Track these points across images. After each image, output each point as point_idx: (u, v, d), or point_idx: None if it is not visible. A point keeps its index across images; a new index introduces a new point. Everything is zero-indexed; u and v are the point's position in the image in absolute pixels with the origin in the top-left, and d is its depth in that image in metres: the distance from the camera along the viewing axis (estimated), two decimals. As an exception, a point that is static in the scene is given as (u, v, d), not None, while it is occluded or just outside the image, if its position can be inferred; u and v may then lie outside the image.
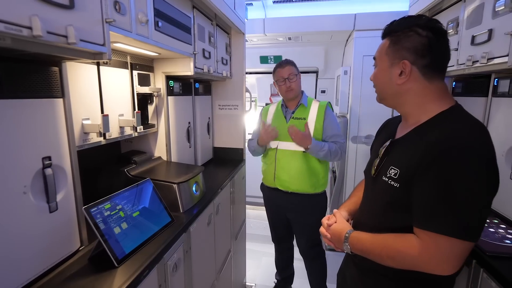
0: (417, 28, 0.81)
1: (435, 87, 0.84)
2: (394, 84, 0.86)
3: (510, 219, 1.23)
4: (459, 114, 0.82)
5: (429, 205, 0.75)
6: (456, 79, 1.76)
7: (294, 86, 1.84)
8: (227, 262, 1.97)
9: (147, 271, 0.92)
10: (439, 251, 0.73)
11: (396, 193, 0.83)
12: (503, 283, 0.89)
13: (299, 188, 1.87)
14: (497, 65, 1.18)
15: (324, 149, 1.75)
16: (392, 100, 0.91)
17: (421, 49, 0.81)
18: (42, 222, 0.83)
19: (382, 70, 0.89)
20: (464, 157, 0.71)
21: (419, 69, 0.82)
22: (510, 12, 1.10)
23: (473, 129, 0.75)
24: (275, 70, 1.90)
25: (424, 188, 0.76)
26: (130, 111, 1.35)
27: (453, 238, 0.72)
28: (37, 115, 0.81)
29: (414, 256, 0.76)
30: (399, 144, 0.90)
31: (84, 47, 0.77)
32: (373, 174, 0.95)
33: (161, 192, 1.24)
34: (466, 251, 0.74)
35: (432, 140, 0.76)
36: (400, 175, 0.83)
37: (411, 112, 0.88)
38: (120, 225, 0.99)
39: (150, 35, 1.14)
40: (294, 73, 1.84)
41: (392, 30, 0.87)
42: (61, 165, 0.89)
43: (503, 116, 1.31)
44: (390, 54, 0.86)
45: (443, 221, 0.72)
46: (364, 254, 0.90)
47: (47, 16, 0.66)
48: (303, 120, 1.83)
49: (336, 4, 2.86)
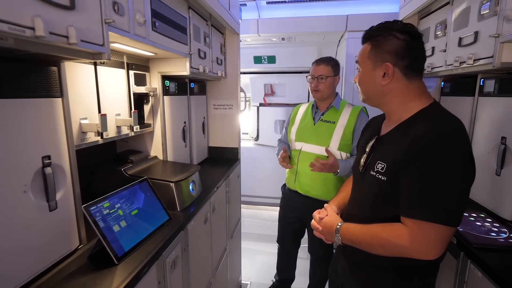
0: (395, 32, 0.88)
1: (415, 86, 0.90)
2: (378, 85, 0.92)
3: (496, 213, 1.28)
4: (438, 111, 0.89)
5: (414, 195, 0.81)
6: (445, 79, 1.82)
7: (321, 88, 1.74)
8: (223, 260, 1.99)
9: (146, 268, 0.93)
10: (425, 237, 0.79)
11: (383, 186, 0.89)
12: (489, 273, 0.93)
13: (320, 194, 1.77)
14: (483, 65, 1.24)
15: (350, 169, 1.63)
16: (376, 100, 0.97)
17: (401, 51, 0.87)
18: (42, 220, 0.83)
19: (366, 73, 0.94)
20: (444, 149, 0.77)
21: (400, 70, 0.88)
22: (494, 15, 1.16)
23: (452, 124, 0.82)
24: (312, 65, 1.83)
25: (409, 179, 0.81)
26: (127, 111, 1.35)
27: (437, 224, 0.77)
28: (36, 114, 0.81)
29: (403, 244, 0.81)
30: (384, 141, 0.96)
31: (84, 47, 0.78)
32: (361, 169, 1.00)
33: (158, 191, 1.25)
34: (449, 235, 0.80)
35: (415, 135, 0.82)
36: (387, 169, 0.88)
37: (394, 110, 0.94)
38: (119, 223, 1.00)
39: (148, 35, 1.15)
40: (325, 75, 1.73)
41: (372, 35, 0.92)
42: (60, 164, 0.89)
43: (489, 114, 1.37)
44: (372, 58, 0.92)
45: (427, 208, 0.78)
46: (354, 244, 0.94)
47: (49, 17, 0.67)
48: (333, 124, 1.73)
49: (328, 5, 2.91)
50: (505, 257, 0.98)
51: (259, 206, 4.01)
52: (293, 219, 1.97)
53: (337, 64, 1.80)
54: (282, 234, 2.10)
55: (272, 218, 3.65)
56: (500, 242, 1.06)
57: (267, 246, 3.01)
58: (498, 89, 1.31)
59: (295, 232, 2.03)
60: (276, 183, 3.13)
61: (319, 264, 2.01)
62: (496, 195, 1.29)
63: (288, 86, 3.88)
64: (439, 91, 1.89)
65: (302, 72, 3.72)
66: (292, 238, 2.07)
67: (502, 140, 1.25)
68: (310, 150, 1.77)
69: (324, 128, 1.75)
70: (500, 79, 1.30)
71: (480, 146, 1.40)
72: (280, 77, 3.86)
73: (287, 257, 2.19)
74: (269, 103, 4.03)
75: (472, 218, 1.25)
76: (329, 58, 1.80)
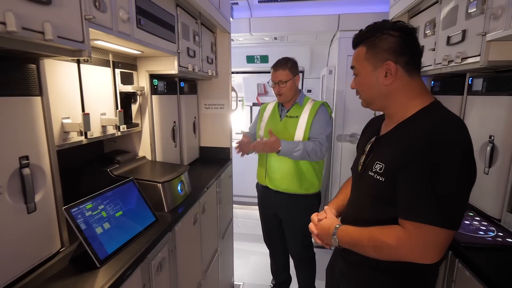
0: (388, 31, 0.86)
1: (416, 83, 0.89)
2: (382, 85, 0.89)
3: (484, 211, 1.29)
4: (439, 110, 0.86)
5: (413, 196, 0.78)
6: (434, 78, 1.82)
7: (283, 91, 1.81)
8: (214, 261, 1.96)
9: (130, 270, 0.91)
10: (423, 240, 0.77)
11: (381, 187, 0.86)
12: (476, 272, 0.93)
13: (288, 188, 1.85)
14: (471, 64, 1.24)
15: (297, 149, 1.69)
16: (380, 102, 0.93)
17: (399, 48, 0.85)
18: (20, 223, 0.80)
19: (366, 75, 0.91)
20: (445, 151, 0.75)
21: (402, 66, 0.86)
22: (481, 14, 1.16)
23: (453, 124, 0.79)
24: (271, 69, 1.87)
25: (409, 180, 0.79)
26: (113, 110, 1.33)
27: (436, 227, 0.75)
28: (13, 113, 0.78)
29: (399, 246, 0.79)
30: (383, 140, 0.94)
31: (62, 44, 0.75)
32: (359, 170, 0.98)
33: (146, 192, 1.23)
34: (448, 239, 0.78)
35: (415, 135, 0.80)
36: (385, 169, 0.86)
37: (396, 110, 0.91)
38: (103, 225, 0.97)
39: (132, 32, 1.13)
40: (284, 80, 1.78)
41: (365, 37, 0.90)
42: (40, 165, 0.87)
43: (477, 113, 1.37)
44: (370, 59, 0.89)
45: (426, 211, 0.76)
46: (351, 246, 0.92)
47: (22, 11, 0.64)
48: (296, 119, 1.81)
49: (320, 5, 2.90)
50: (492, 256, 0.98)
51: (252, 206, 4.00)
52: (271, 215, 2.02)
53: (294, 65, 1.83)
54: (266, 232, 2.15)
55: (265, 218, 3.64)
56: (487, 241, 1.06)
57: (260, 246, 2.99)
58: (486, 88, 1.31)
59: (276, 229, 2.07)
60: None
61: (302, 264, 2.04)
62: (484, 194, 1.29)
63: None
64: (429, 90, 1.89)
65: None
66: (275, 235, 2.10)
67: (490, 139, 1.25)
68: None
69: (289, 123, 1.83)
70: (488, 77, 1.30)
71: (469, 145, 1.40)
72: (273, 77, 3.85)
73: (278, 259, 2.19)
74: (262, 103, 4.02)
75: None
76: (285, 60, 1.82)
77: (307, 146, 1.70)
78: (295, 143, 1.72)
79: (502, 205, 1.21)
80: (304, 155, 1.70)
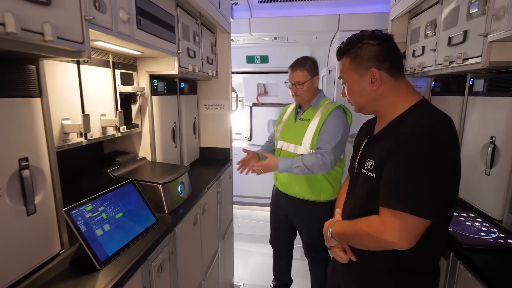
0: (367, 40, 0.92)
1: (402, 85, 0.94)
2: (370, 91, 0.94)
3: (485, 213, 1.28)
4: (426, 107, 0.90)
5: (391, 185, 0.82)
6: (435, 79, 1.82)
7: (300, 93, 1.71)
8: (215, 262, 1.96)
9: (130, 272, 0.91)
10: (395, 226, 0.80)
11: (373, 183, 0.90)
12: (478, 274, 0.93)
13: (298, 193, 1.77)
14: (472, 65, 1.24)
15: (296, 165, 1.60)
16: (371, 107, 0.99)
17: (380, 55, 0.91)
18: (19, 225, 0.80)
19: (354, 84, 0.97)
20: (427, 142, 0.79)
21: (386, 71, 0.91)
22: (483, 14, 1.15)
23: (438, 119, 0.84)
24: (288, 69, 1.77)
25: (389, 171, 0.84)
26: (113, 111, 1.32)
27: (406, 213, 0.78)
28: (13, 115, 0.78)
29: (373, 232, 0.84)
30: (375, 139, 0.98)
31: (61, 45, 0.75)
32: (355, 169, 1.02)
33: (146, 193, 1.22)
34: (420, 227, 0.80)
35: (401, 131, 0.85)
36: (375, 165, 0.90)
37: (386, 112, 0.96)
38: (103, 227, 0.97)
39: (132, 33, 1.12)
40: (302, 81, 1.68)
41: (346, 49, 0.96)
42: (39, 166, 0.86)
43: (478, 114, 1.37)
44: (355, 69, 0.95)
45: (399, 199, 0.80)
46: (341, 237, 0.99)
47: (22, 12, 0.64)
48: (307, 122, 1.71)
49: (320, 5, 2.90)
50: (494, 258, 0.98)
51: (252, 206, 4.00)
52: (281, 217, 1.97)
53: (313, 64, 1.73)
54: (274, 233, 2.08)
55: (265, 218, 3.63)
56: (489, 242, 1.05)
57: (260, 247, 2.99)
58: (487, 89, 1.31)
59: (285, 231, 2.01)
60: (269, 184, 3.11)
61: (317, 266, 1.98)
62: (485, 195, 1.29)
63: (281, 86, 3.87)
64: (430, 90, 1.89)
65: (295, 72, 3.71)
66: (283, 237, 2.05)
67: (491, 140, 1.25)
68: (288, 148, 1.76)
69: (301, 126, 1.74)
70: (489, 78, 1.30)
71: (470, 146, 1.40)
72: (273, 77, 3.85)
73: (282, 261, 2.15)
74: (262, 103, 4.01)
75: (462, 218, 1.24)
76: (303, 60, 1.72)
77: (306, 161, 1.60)
78: (292, 160, 1.63)
79: (503, 206, 1.21)
80: (305, 171, 1.61)
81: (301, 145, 1.70)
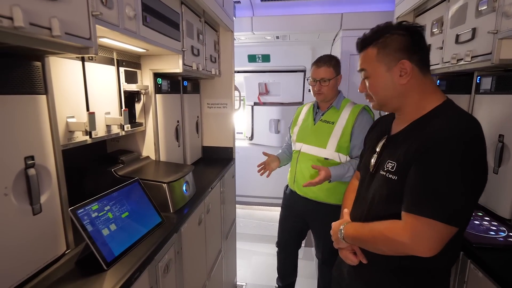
0: (397, 31, 0.86)
1: (429, 81, 0.89)
2: (398, 85, 0.87)
3: (494, 211, 1.27)
4: (453, 109, 0.86)
5: (417, 190, 0.79)
6: (440, 77, 1.81)
7: (324, 90, 1.66)
8: (218, 262, 1.95)
9: (138, 273, 0.89)
10: (420, 233, 0.77)
11: (393, 185, 0.86)
12: (489, 273, 0.92)
13: (317, 196, 1.71)
14: (481, 63, 1.23)
15: (348, 174, 1.56)
16: (395, 103, 0.91)
17: (411, 46, 0.85)
18: (25, 225, 0.78)
19: (380, 77, 0.89)
20: (457, 148, 0.75)
21: (416, 64, 0.85)
22: (492, 11, 1.14)
23: (468, 125, 0.79)
24: (312, 66, 1.72)
25: (416, 175, 0.79)
26: (117, 109, 1.30)
27: (434, 220, 0.75)
28: (18, 112, 0.76)
29: (397, 238, 0.80)
30: (396, 139, 0.93)
31: (69, 40, 0.73)
32: (371, 170, 0.97)
33: (151, 192, 1.21)
34: (446, 234, 0.77)
35: (428, 133, 0.80)
36: (397, 167, 0.85)
37: (409, 110, 0.90)
38: (109, 227, 0.95)
39: (138, 30, 1.11)
40: (328, 78, 1.64)
41: (374, 38, 0.89)
42: (45, 165, 0.84)
43: (486, 112, 1.36)
44: (382, 60, 0.87)
45: (427, 205, 0.76)
46: (354, 240, 0.94)
47: (30, 6, 0.62)
48: (331, 125, 1.66)
49: (323, 4, 2.89)
50: (505, 256, 0.97)
51: (254, 206, 3.98)
52: (295, 220, 1.90)
53: (338, 63, 1.71)
54: (283, 235, 2.01)
55: (267, 218, 3.63)
56: (499, 241, 1.04)
57: (262, 247, 2.98)
58: (495, 87, 1.29)
59: (297, 234, 1.97)
60: (271, 183, 3.11)
61: (326, 268, 1.93)
62: (493, 194, 1.28)
63: (282, 85, 3.86)
64: (435, 89, 1.88)
65: (296, 71, 3.70)
66: (293, 240, 2.00)
67: (500, 138, 1.24)
68: (309, 151, 1.71)
69: (323, 128, 1.69)
70: (497, 76, 1.29)
71: (477, 144, 1.39)
72: (275, 76, 3.83)
73: (288, 262, 2.11)
74: (264, 102, 4.00)
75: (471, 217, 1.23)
76: (329, 57, 1.70)
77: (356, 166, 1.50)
78: (343, 169, 1.58)
79: (512, 205, 1.20)
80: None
81: (326, 149, 1.65)
